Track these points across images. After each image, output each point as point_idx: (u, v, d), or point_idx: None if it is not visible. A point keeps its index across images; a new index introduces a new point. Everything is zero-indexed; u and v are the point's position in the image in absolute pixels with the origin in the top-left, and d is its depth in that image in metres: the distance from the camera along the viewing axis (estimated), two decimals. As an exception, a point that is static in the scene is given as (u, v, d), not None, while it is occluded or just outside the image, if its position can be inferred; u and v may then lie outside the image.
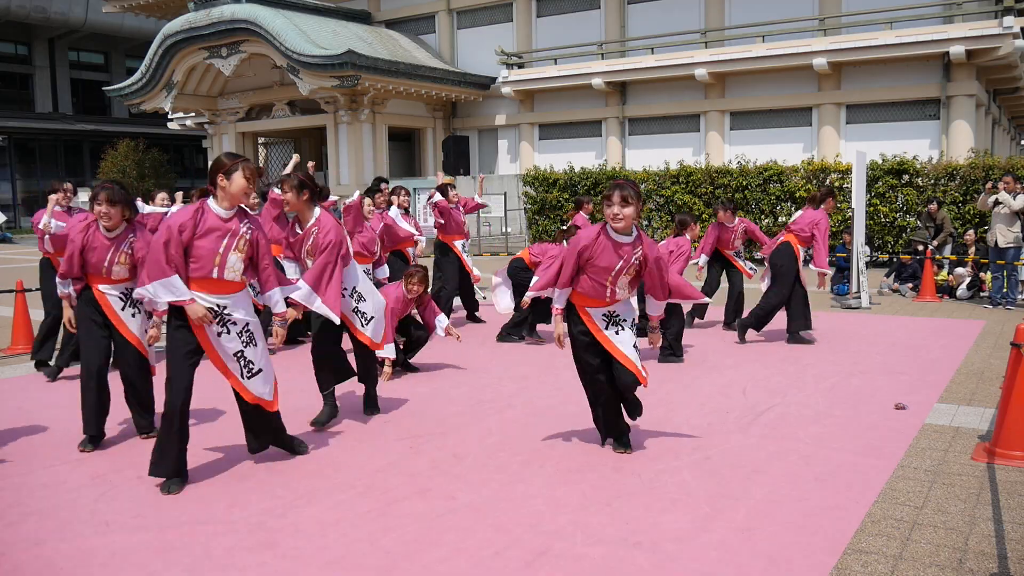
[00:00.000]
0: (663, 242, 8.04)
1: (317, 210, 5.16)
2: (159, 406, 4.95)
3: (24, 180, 42.70)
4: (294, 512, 3.98)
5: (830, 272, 9.82)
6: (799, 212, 8.72)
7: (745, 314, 8.68)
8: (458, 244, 9.78)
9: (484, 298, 11.69)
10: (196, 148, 39.76)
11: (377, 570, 3.37)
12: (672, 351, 7.46)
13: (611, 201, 4.46)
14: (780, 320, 9.72)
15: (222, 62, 23.27)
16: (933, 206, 13.38)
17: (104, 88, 27.79)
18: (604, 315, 4.68)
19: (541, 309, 8.15)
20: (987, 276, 11.07)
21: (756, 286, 9.74)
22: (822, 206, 8.51)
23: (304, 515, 3.95)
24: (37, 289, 8.06)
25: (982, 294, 11.31)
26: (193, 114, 27.59)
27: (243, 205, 4.42)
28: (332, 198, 8.11)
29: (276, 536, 3.71)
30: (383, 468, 4.62)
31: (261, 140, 29.38)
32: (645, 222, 18.51)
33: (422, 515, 3.93)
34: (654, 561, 3.41)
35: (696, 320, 9.54)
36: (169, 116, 28.36)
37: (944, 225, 13.01)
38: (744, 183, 17.38)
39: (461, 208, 10.05)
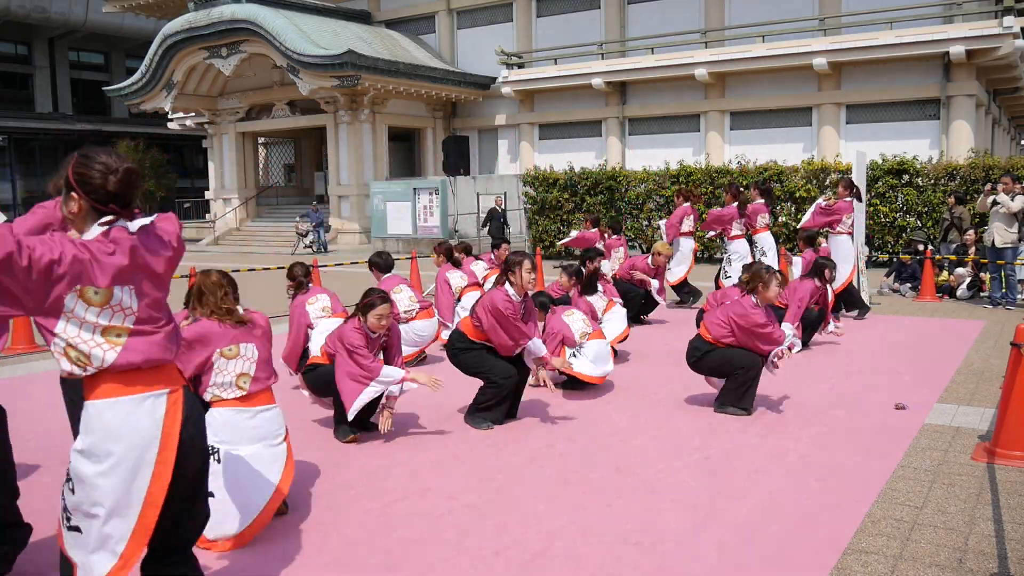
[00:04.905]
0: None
1: None
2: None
3: (24, 180, 42.68)
4: (294, 512, 3.98)
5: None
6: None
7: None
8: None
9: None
10: (196, 148, 39.73)
11: (377, 570, 3.37)
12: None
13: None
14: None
15: (222, 62, 23.28)
16: (951, 199, 13.32)
17: (104, 88, 27.80)
18: None
19: None
20: (987, 276, 11.07)
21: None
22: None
23: (304, 515, 3.95)
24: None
25: (982, 294, 11.30)
26: (193, 114, 27.61)
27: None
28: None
29: (276, 537, 3.71)
30: (383, 468, 4.62)
31: (261, 140, 29.39)
32: (645, 222, 18.53)
33: (422, 515, 3.93)
34: (654, 561, 3.41)
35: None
36: (169, 116, 28.37)
37: (961, 223, 12.90)
38: (744, 183, 17.37)
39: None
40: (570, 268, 7.73)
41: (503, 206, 20.47)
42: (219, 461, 3.70)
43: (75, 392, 3.11)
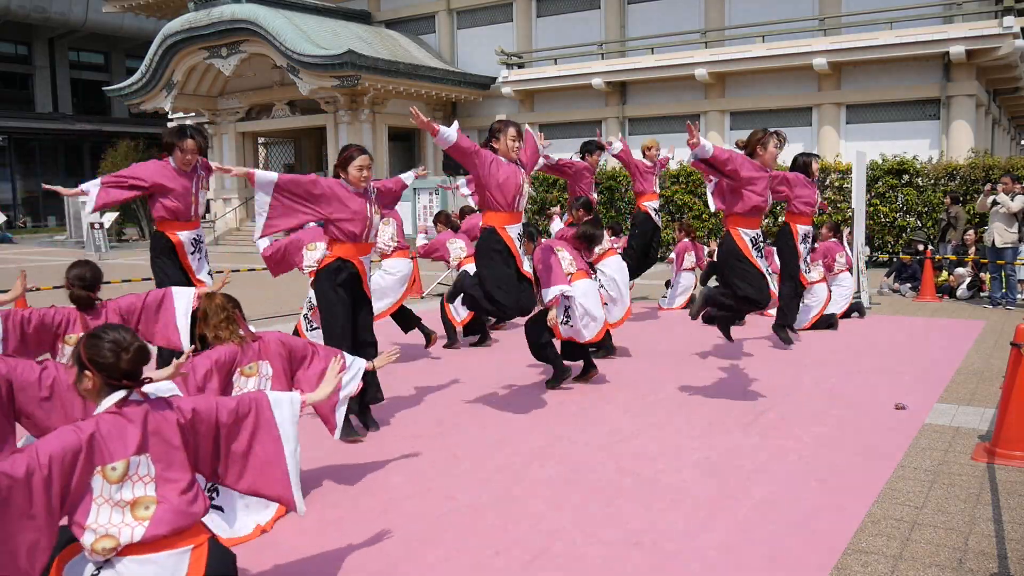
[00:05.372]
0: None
1: None
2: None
3: (24, 180, 42.67)
4: (294, 512, 3.98)
5: None
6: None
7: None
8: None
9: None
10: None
11: (377, 570, 3.37)
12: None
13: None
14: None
15: (222, 62, 23.27)
16: (947, 200, 13.40)
17: (104, 88, 27.78)
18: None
19: None
20: (987, 276, 11.07)
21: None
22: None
23: (304, 515, 3.95)
24: (37, 289, 8.00)
25: (982, 294, 11.30)
26: (193, 114, 27.58)
27: None
28: None
29: (277, 536, 3.72)
30: (383, 468, 4.62)
31: (261, 140, 29.38)
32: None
33: (422, 515, 3.93)
34: (654, 561, 3.41)
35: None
36: (169, 116, 28.35)
37: (957, 222, 12.94)
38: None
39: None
40: (580, 200, 7.67)
41: None
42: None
43: None
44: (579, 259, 6.57)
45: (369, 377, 4.55)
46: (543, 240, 6.85)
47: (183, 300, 4.95)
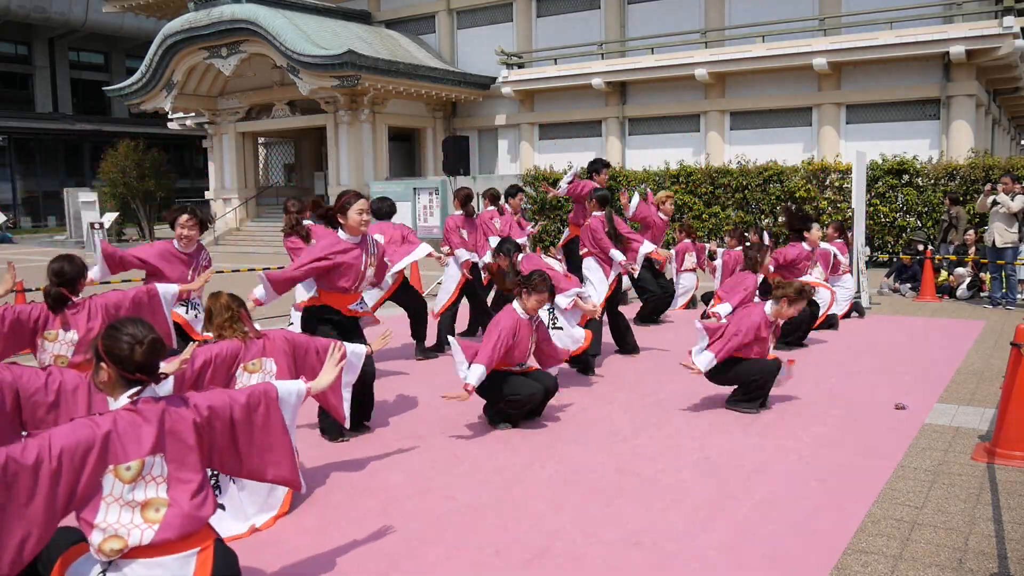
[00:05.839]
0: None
1: None
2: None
3: (24, 180, 42.68)
4: (295, 511, 3.98)
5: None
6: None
7: None
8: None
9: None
10: (196, 148, 39.70)
11: (377, 569, 3.37)
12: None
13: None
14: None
15: (222, 62, 23.27)
16: (947, 201, 13.43)
17: (104, 88, 27.77)
18: None
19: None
20: (987, 276, 11.07)
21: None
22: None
23: (304, 515, 3.95)
24: (37, 289, 8.00)
25: (982, 294, 11.30)
26: (193, 114, 27.58)
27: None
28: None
29: (277, 536, 3.72)
30: (383, 468, 4.63)
31: (261, 140, 29.37)
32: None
33: (422, 515, 3.93)
34: (654, 561, 3.41)
35: None
36: (169, 116, 28.35)
37: (958, 223, 12.95)
38: (744, 183, 17.39)
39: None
40: (597, 192, 7.72)
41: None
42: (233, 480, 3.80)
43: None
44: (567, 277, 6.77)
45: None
46: (527, 251, 6.89)
47: (168, 297, 5.07)
